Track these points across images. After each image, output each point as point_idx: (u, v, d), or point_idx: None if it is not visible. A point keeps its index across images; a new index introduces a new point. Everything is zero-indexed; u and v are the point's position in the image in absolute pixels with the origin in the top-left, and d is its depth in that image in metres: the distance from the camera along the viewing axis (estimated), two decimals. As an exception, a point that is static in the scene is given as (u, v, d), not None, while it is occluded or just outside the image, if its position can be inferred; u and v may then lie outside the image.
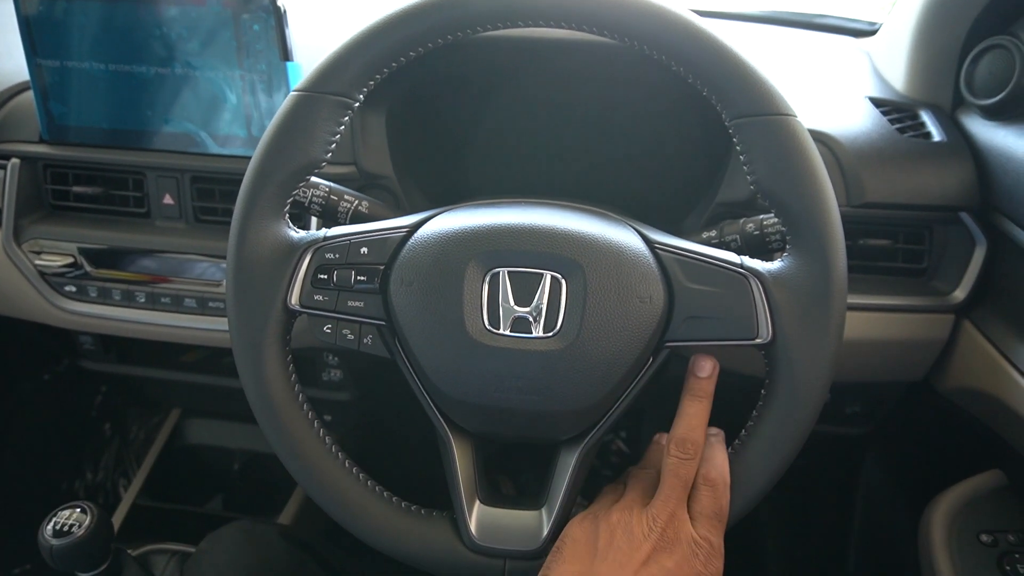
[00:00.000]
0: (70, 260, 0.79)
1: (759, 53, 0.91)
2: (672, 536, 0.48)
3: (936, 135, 0.73)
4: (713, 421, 0.53)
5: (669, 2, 0.49)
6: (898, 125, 0.74)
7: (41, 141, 0.78)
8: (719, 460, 0.50)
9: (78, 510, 0.66)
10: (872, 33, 0.96)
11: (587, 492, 0.55)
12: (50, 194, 0.80)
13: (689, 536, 0.48)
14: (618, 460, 1.23)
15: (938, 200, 0.69)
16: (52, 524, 0.65)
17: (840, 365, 0.50)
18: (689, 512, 0.49)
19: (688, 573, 0.47)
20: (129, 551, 0.85)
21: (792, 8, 1.08)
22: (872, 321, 0.71)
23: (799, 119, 0.49)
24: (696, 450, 0.50)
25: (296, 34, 0.71)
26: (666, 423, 0.53)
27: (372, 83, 0.51)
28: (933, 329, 0.71)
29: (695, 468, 0.50)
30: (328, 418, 1.00)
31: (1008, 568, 0.65)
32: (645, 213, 0.70)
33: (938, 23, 0.77)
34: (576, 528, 0.51)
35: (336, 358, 0.92)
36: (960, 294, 0.69)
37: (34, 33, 0.73)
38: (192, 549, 0.78)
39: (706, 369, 0.52)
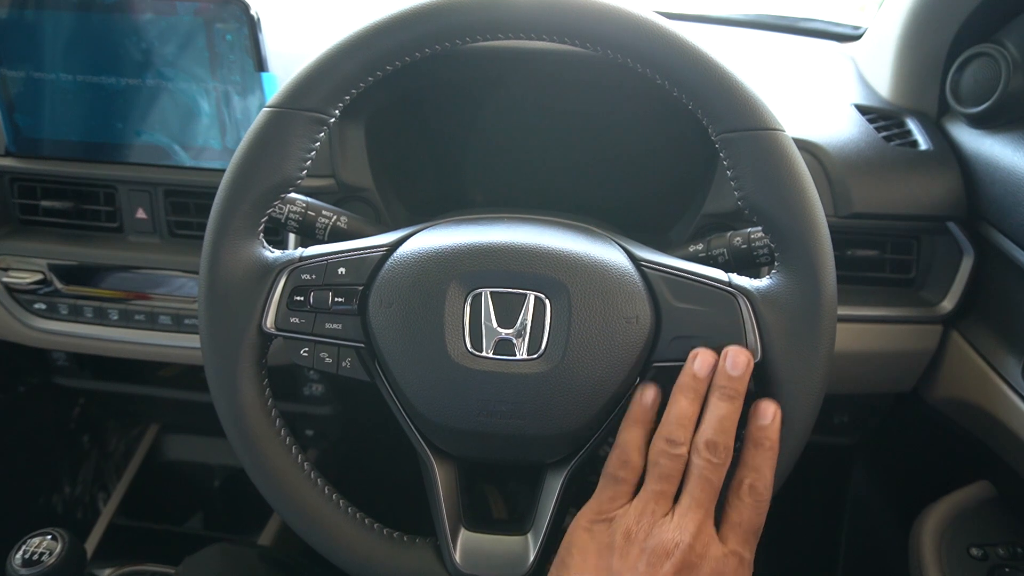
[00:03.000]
0: (39, 277, 0.76)
1: (744, 58, 0.91)
2: (700, 552, 0.43)
3: (923, 144, 0.72)
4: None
5: (654, 15, 0.48)
6: (884, 133, 0.74)
7: (7, 154, 0.75)
8: (768, 473, 0.46)
9: (49, 537, 0.64)
10: (857, 38, 0.96)
11: (576, 504, 0.53)
12: (18, 208, 0.78)
13: (719, 553, 0.43)
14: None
15: (925, 210, 0.69)
16: (21, 552, 0.63)
17: (829, 379, 0.49)
18: (723, 522, 0.45)
19: None
20: (106, 573, 0.83)
21: (776, 12, 1.07)
22: (860, 332, 0.70)
23: (787, 133, 0.48)
24: (728, 455, 0.45)
25: (271, 42, 0.69)
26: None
27: (348, 98, 0.50)
28: (921, 340, 0.71)
29: (724, 474, 0.45)
30: (309, 433, 0.98)
31: (999, 582, 0.65)
32: (631, 223, 0.69)
33: (923, 30, 0.76)
34: (583, 535, 0.47)
35: (317, 373, 0.90)
36: (948, 304, 0.69)
37: (-1, 42, 0.71)
38: (171, 570, 0.76)
39: (740, 366, 0.46)
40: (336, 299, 0.50)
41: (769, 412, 0.46)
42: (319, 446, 1.07)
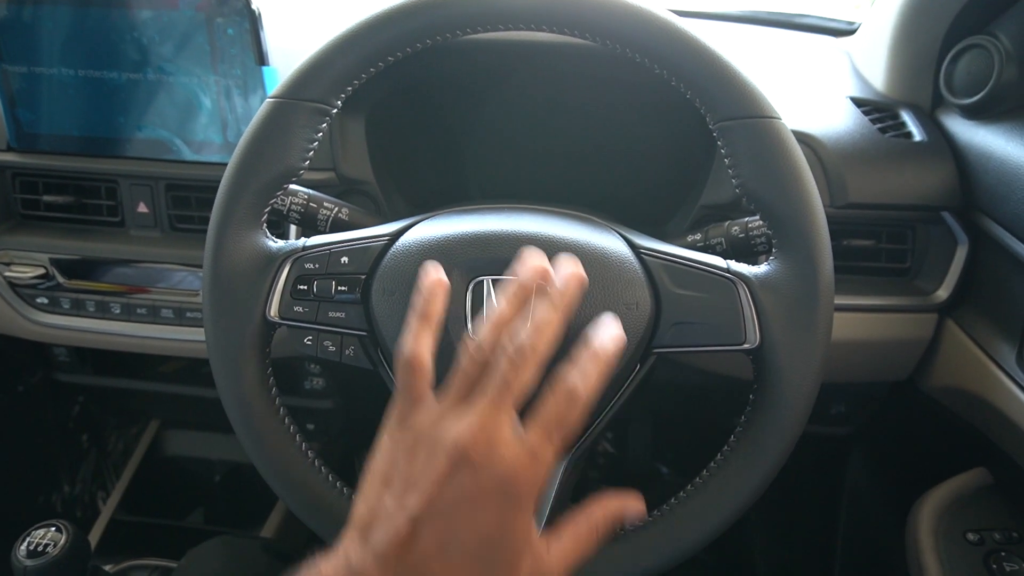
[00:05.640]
0: (41, 271, 0.77)
1: (740, 53, 0.91)
2: (483, 450, 0.39)
3: (917, 135, 0.73)
4: (700, 425, 0.52)
5: (651, 4, 0.49)
6: (879, 125, 0.74)
7: (9, 149, 0.76)
8: (594, 379, 0.40)
9: (53, 529, 0.64)
10: (851, 33, 0.96)
11: (576, 497, 0.54)
12: (19, 203, 0.78)
13: (509, 454, 0.39)
14: (605, 461, 1.23)
15: (920, 200, 0.69)
16: (26, 544, 0.63)
17: (827, 364, 0.49)
18: (530, 416, 0.40)
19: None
20: (108, 568, 0.83)
21: (771, 8, 1.08)
22: (856, 321, 0.71)
23: (784, 121, 0.48)
24: (536, 362, 0.40)
25: (272, 37, 0.70)
26: (652, 423, 0.52)
27: (350, 89, 0.50)
28: (917, 328, 0.72)
29: (526, 380, 0.40)
30: (311, 427, 0.98)
31: (995, 567, 0.65)
32: (630, 215, 0.70)
33: (916, 23, 0.77)
34: (387, 440, 0.43)
35: (318, 366, 0.91)
36: (943, 293, 0.70)
37: (0, 38, 0.71)
38: (173, 564, 0.77)
39: (569, 280, 0.42)
40: (339, 288, 0.50)
41: (610, 321, 0.43)
42: (320, 441, 1.07)
